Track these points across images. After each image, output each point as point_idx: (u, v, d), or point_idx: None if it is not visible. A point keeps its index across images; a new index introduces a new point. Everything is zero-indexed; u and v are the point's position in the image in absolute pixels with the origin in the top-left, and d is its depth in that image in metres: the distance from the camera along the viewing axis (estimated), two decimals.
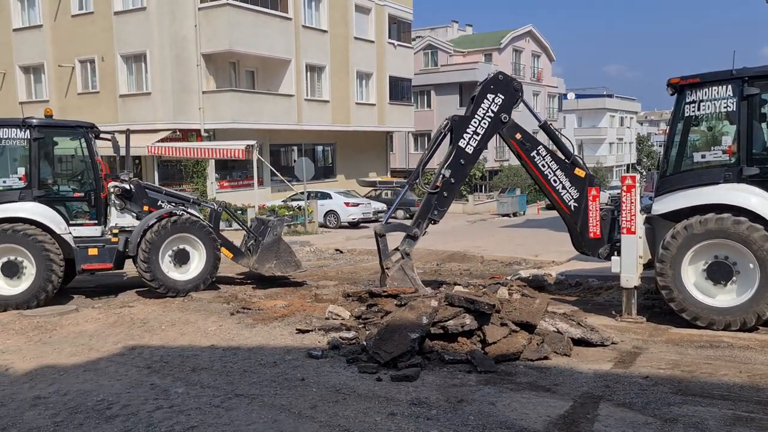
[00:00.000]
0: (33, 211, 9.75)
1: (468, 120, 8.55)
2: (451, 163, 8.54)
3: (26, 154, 9.96)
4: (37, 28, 26.74)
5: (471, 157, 8.62)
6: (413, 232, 8.54)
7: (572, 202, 8.65)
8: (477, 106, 8.55)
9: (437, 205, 8.55)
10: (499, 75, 8.76)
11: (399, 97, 35.14)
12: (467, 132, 8.53)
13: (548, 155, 8.67)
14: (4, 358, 6.71)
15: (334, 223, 25.26)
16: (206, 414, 4.92)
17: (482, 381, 5.61)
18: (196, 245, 10.32)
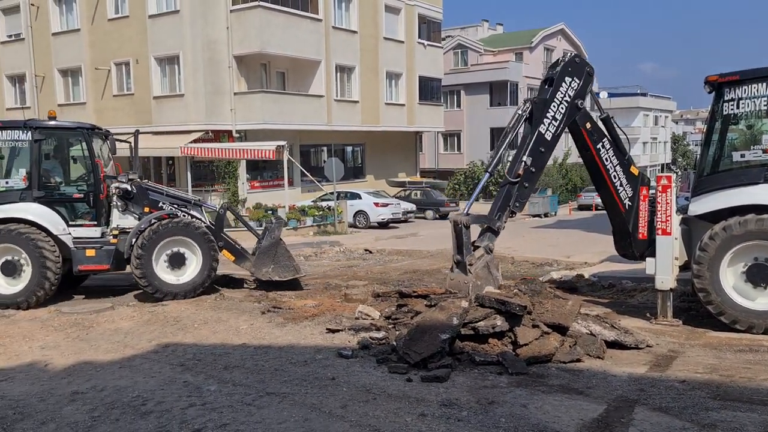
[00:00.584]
0: (31, 212, 9.92)
1: (548, 103, 7.90)
2: (532, 149, 7.75)
3: (28, 156, 10.12)
4: (75, 32, 27.39)
5: (549, 143, 7.91)
6: (496, 226, 7.70)
7: (627, 200, 8.47)
8: (556, 89, 7.97)
9: (518, 197, 7.75)
10: (575, 58, 8.26)
11: (428, 97, 35.04)
12: (547, 116, 7.86)
13: (611, 149, 8.31)
14: (44, 353, 6.89)
15: (364, 223, 25.31)
16: (238, 412, 4.97)
17: (513, 383, 5.55)
18: (192, 248, 10.08)
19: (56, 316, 8.83)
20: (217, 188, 25.77)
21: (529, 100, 8.19)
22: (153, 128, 25.53)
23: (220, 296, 9.97)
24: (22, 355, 6.87)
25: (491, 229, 7.78)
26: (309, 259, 16.87)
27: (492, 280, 7.49)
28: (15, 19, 29.57)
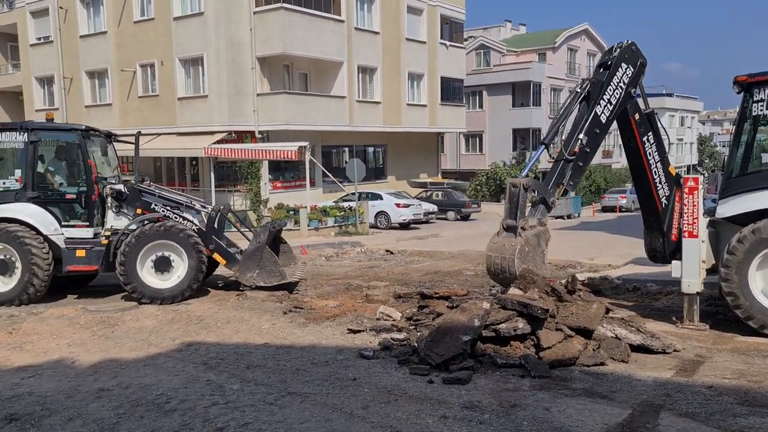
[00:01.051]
0: (24, 212, 10.11)
1: (605, 86, 7.75)
2: (588, 128, 7.61)
3: (23, 157, 10.31)
4: (102, 34, 27.82)
5: (604, 126, 7.76)
6: (550, 201, 7.49)
7: (664, 199, 8.35)
8: (612, 73, 7.79)
9: (572, 175, 7.59)
10: (632, 45, 8.08)
11: (450, 98, 34.93)
12: (603, 98, 7.71)
13: (655, 144, 8.15)
14: (71, 350, 7.00)
15: (385, 224, 25.31)
16: (260, 411, 5.00)
17: (536, 386, 5.51)
18: (178, 252, 9.94)
19: (83, 314, 8.96)
20: (239, 188, 25.97)
21: (587, 79, 8.03)
22: (177, 129, 25.84)
23: (242, 296, 10.04)
24: (50, 351, 6.99)
25: (545, 202, 7.56)
26: (330, 259, 16.92)
27: (539, 253, 7.24)
28: (44, 22, 30.14)
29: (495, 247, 7.32)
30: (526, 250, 7.05)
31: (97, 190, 10.38)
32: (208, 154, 23.59)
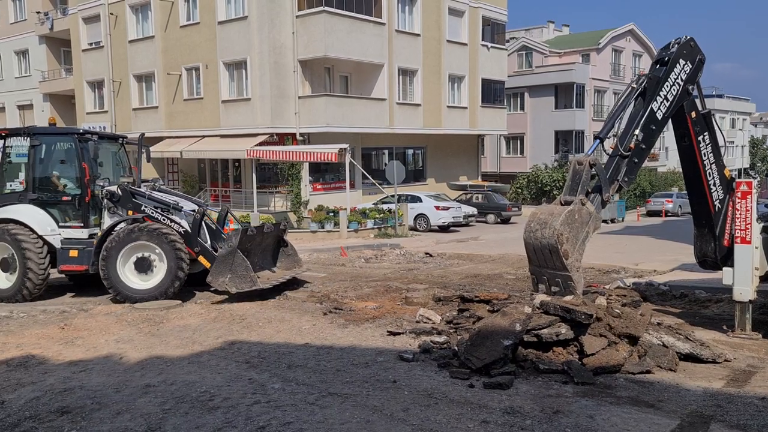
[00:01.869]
0: (23, 213, 10.61)
1: (662, 82, 7.52)
2: (644, 124, 7.38)
3: (26, 160, 10.83)
4: (150, 39, 28.57)
5: (659, 123, 7.55)
6: (606, 196, 7.19)
7: (717, 202, 8.10)
8: (670, 69, 7.56)
9: (628, 171, 7.34)
10: (691, 41, 7.84)
11: (491, 100, 34.64)
12: (659, 95, 7.48)
13: (710, 144, 7.88)
14: (119, 347, 7.20)
15: (424, 226, 25.25)
16: (301, 411, 5.04)
17: (579, 393, 5.40)
18: (159, 254, 10.01)
19: (130, 311, 9.21)
20: (280, 190, 26.31)
21: (644, 75, 7.81)
22: (220, 131, 26.34)
23: (283, 297, 10.15)
24: (99, 347, 7.20)
25: (601, 194, 7.22)
26: (369, 261, 16.96)
27: (584, 232, 6.83)
28: (95, 28, 31.14)
29: (545, 209, 7.14)
30: (576, 218, 6.73)
31: (90, 192, 10.68)
32: (251, 156, 23.97)
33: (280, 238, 11.58)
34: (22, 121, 37.76)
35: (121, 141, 12.01)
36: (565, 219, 6.66)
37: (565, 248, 6.60)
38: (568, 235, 6.65)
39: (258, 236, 10.74)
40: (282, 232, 11.58)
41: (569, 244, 6.64)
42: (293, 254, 11.72)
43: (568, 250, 6.62)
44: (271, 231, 11.08)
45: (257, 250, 10.94)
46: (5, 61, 38.13)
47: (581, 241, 6.80)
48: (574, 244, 6.71)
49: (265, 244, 11.23)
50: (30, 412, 5.13)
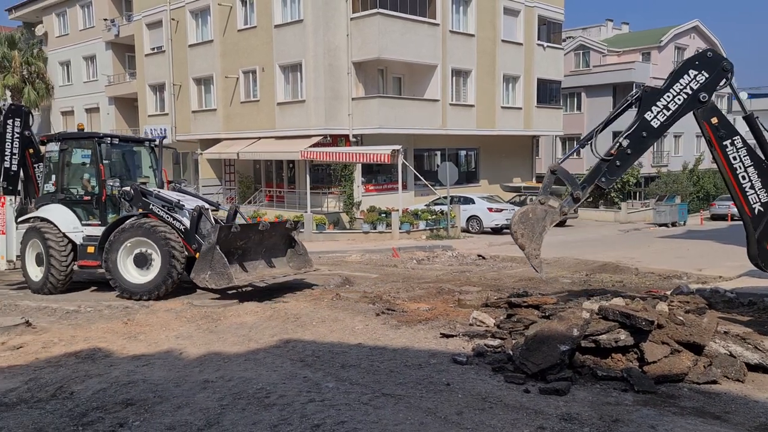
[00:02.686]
0: (52, 212, 11.55)
1: (661, 93, 7.87)
2: (632, 133, 7.90)
3: (57, 163, 11.86)
4: (209, 43, 29.36)
5: (655, 131, 7.91)
6: (576, 194, 7.97)
7: (757, 205, 7.78)
8: (674, 81, 7.85)
9: (607, 173, 7.95)
10: (708, 52, 7.97)
11: (547, 100, 34.04)
12: (657, 105, 7.86)
13: (744, 148, 7.79)
14: (178, 342, 7.42)
15: (477, 228, 25.03)
16: (355, 410, 5.06)
17: (640, 401, 5.24)
18: (156, 250, 10.43)
19: (189, 308, 9.47)
20: (333, 191, 26.57)
21: (640, 88, 8.16)
22: (275, 133, 26.81)
23: (336, 296, 10.24)
24: (160, 342, 7.44)
25: (572, 195, 8.08)
26: (421, 262, 16.93)
27: (540, 226, 7.91)
28: (157, 33, 32.23)
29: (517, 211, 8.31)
30: (530, 216, 7.87)
31: (105, 192, 11.45)
32: (304, 157, 24.31)
33: (289, 237, 11.59)
34: (89, 123, 39.44)
35: (148, 144, 12.74)
36: (518, 219, 7.92)
37: (520, 242, 7.85)
38: (522, 231, 7.84)
39: (251, 234, 10.77)
40: (288, 230, 11.55)
41: (525, 239, 7.82)
42: (304, 254, 11.70)
43: (523, 243, 7.82)
44: (268, 228, 11.00)
45: (257, 248, 11.01)
46: (74, 66, 39.90)
47: (538, 234, 7.89)
48: (530, 238, 7.86)
49: (270, 242, 11.24)
50: (97, 403, 5.34)
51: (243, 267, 10.73)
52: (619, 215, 32.86)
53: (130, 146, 12.59)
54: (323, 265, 16.80)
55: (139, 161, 12.71)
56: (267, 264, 11.21)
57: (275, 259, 11.38)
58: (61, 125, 41.09)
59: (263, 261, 11.16)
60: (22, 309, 10.11)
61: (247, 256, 10.82)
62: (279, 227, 11.49)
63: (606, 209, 35.40)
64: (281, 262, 11.47)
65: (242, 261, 10.75)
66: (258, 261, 11.03)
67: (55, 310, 9.91)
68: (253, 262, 10.94)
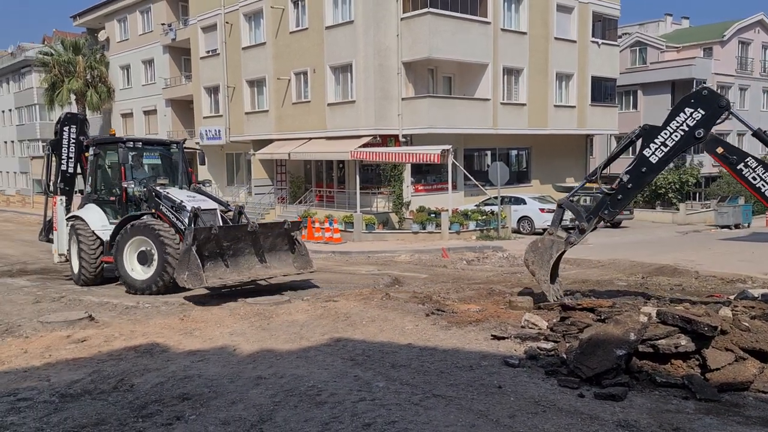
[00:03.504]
0: (86, 211, 12.82)
1: (659, 130, 8.45)
2: (632, 169, 8.56)
3: (92, 166, 13.24)
4: (261, 45, 29.90)
5: (654, 166, 8.51)
6: (581, 225, 8.79)
7: None
8: (671, 118, 8.37)
9: (609, 205, 8.68)
10: (703, 90, 8.38)
11: (602, 98, 33.21)
12: (655, 142, 8.42)
13: (760, 166, 8.05)
14: (232, 339, 7.58)
15: (528, 229, 24.65)
16: (405, 410, 5.05)
17: (702, 410, 5.04)
18: (154, 248, 11.16)
19: (242, 305, 9.67)
20: (383, 191, 26.63)
21: (641, 126, 8.77)
22: (326, 133, 27.07)
23: (386, 296, 10.25)
24: (215, 339, 7.61)
25: (578, 227, 8.82)
26: (471, 263, 16.81)
27: (547, 254, 8.79)
28: (212, 37, 33.03)
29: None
30: (539, 246, 8.86)
31: (125, 192, 12.48)
32: (354, 157, 24.45)
33: (290, 237, 11.69)
34: (147, 125, 40.78)
35: (175, 147, 13.66)
36: (530, 247, 8.98)
37: (531, 269, 8.93)
38: (533, 258, 8.87)
39: (240, 234, 10.93)
40: (288, 231, 11.62)
41: (535, 266, 8.88)
42: (305, 255, 11.80)
43: (534, 270, 8.92)
44: (257, 230, 11.09)
45: (254, 248, 11.16)
46: (134, 70, 41.32)
47: (546, 261, 8.82)
48: (540, 265, 8.84)
49: (269, 242, 11.35)
50: (155, 396, 5.51)
51: (236, 267, 10.89)
52: (677, 216, 31.77)
53: (155, 149, 13.57)
54: (372, 265, 16.87)
55: (164, 163, 13.58)
56: (265, 264, 11.35)
57: (275, 260, 11.51)
58: (121, 127, 42.62)
59: (262, 261, 11.33)
60: (85, 304, 10.53)
61: (240, 256, 11.00)
62: (273, 228, 11.67)
63: (663, 210, 34.29)
64: (281, 262, 11.62)
65: (236, 261, 10.92)
66: (255, 261, 11.25)
67: (116, 306, 10.29)
68: (250, 262, 11.16)
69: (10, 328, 8.89)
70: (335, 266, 16.65)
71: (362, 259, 18.28)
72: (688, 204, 35.07)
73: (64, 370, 6.41)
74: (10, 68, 59.43)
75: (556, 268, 9.18)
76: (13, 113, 61.02)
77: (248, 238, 11.07)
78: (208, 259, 10.50)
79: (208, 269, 10.41)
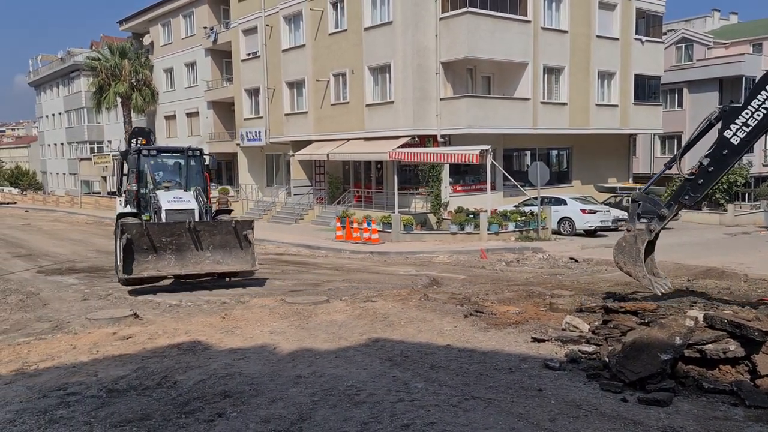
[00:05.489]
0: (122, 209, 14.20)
1: (739, 110, 7.93)
2: (713, 152, 8.11)
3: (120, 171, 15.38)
4: (301, 47, 30.19)
5: (736, 148, 8.00)
6: (661, 212, 8.53)
7: None
8: (752, 97, 7.86)
9: (689, 190, 8.34)
10: None
11: (645, 97, 32.42)
12: (736, 123, 7.92)
13: None
14: (272, 338, 7.67)
15: (569, 230, 24.23)
16: (444, 412, 5.03)
17: (752, 417, 4.88)
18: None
19: (281, 305, 9.78)
20: (421, 191, 26.56)
21: (719, 107, 8.37)
22: (364, 134, 27.16)
23: (424, 297, 10.23)
24: (255, 337, 7.72)
25: (658, 214, 8.54)
26: (510, 264, 16.63)
27: (635, 250, 8.44)
28: (253, 39, 33.52)
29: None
30: (623, 245, 8.60)
31: (136, 193, 13.77)
32: (392, 158, 24.45)
33: (243, 236, 12.26)
34: (190, 127, 41.63)
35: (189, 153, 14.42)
36: (616, 251, 8.71)
37: (625, 270, 8.56)
38: (623, 259, 8.57)
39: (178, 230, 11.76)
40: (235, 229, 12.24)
41: (628, 266, 8.51)
42: (253, 254, 12.30)
43: (629, 270, 8.53)
44: (192, 227, 11.84)
45: (203, 244, 12.02)
46: (177, 73, 42.26)
47: (636, 256, 8.46)
48: (633, 263, 8.48)
49: (219, 239, 12.13)
50: (197, 393, 5.62)
51: (182, 261, 11.86)
52: (725, 218, 30.78)
53: (171, 156, 14.69)
54: (410, 265, 16.85)
55: (181, 168, 14.45)
56: (215, 260, 12.18)
57: (227, 255, 12.28)
58: (164, 129, 43.62)
59: (212, 256, 12.14)
60: (130, 302, 10.82)
61: (187, 251, 11.94)
62: (217, 226, 12.32)
63: (710, 211, 33.29)
64: (235, 258, 12.32)
65: (181, 255, 11.88)
66: (205, 256, 12.09)
67: (159, 304, 10.54)
68: (198, 257, 12.02)
69: (60, 324, 9.21)
70: (373, 267, 16.70)
71: (400, 260, 18.28)
72: (736, 205, 33.94)
73: (111, 366, 6.59)
74: (59, 72, 61.52)
75: (653, 260, 8.92)
76: (63, 116, 63.14)
77: (190, 234, 11.91)
78: (147, 252, 11.61)
79: (149, 262, 11.61)
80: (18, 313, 10.34)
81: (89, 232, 29.04)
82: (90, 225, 33.73)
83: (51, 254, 19.73)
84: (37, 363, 6.84)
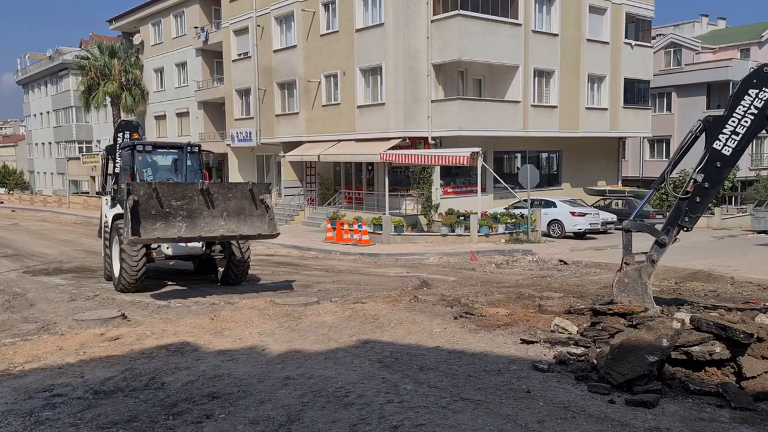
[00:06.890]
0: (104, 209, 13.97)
1: (725, 120, 7.75)
2: (705, 166, 7.80)
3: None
4: (292, 48, 30.15)
5: (729, 159, 7.78)
6: (661, 239, 8.05)
7: None
8: (736, 104, 7.69)
9: (688, 212, 7.90)
10: (764, 68, 7.69)
11: (634, 101, 32.69)
12: (724, 132, 7.71)
13: None
14: (261, 339, 7.65)
15: (558, 232, 24.37)
16: (433, 414, 5.04)
17: (737, 419, 4.92)
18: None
19: (271, 306, 9.75)
20: (412, 193, 26.61)
21: (701, 120, 8.07)
22: (355, 136, 27.17)
23: (414, 299, 10.24)
24: (244, 339, 7.70)
25: (658, 242, 8.10)
26: (500, 266, 16.68)
27: (639, 285, 7.89)
28: (244, 40, 33.44)
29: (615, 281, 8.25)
30: (626, 282, 7.93)
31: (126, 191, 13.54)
32: (384, 160, 24.49)
33: (260, 200, 11.71)
34: (180, 127, 41.45)
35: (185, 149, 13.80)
36: (617, 290, 7.98)
37: (630, 308, 7.58)
38: (629, 299, 7.86)
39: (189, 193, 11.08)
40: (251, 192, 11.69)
41: (636, 304, 7.72)
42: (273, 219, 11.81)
43: (633, 308, 7.59)
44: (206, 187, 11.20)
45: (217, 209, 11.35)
46: (167, 73, 42.08)
47: (644, 291, 7.89)
48: (642, 299, 7.83)
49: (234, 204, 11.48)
50: (186, 395, 5.59)
51: (193, 226, 11.03)
52: (712, 221, 31.04)
53: (167, 152, 13.78)
54: (401, 267, 16.87)
55: (171, 164, 13.77)
56: (229, 225, 11.40)
57: (242, 222, 11.54)
58: (155, 129, 43.40)
59: (225, 222, 11.41)
60: (118, 303, 10.75)
61: (198, 217, 11.13)
62: (233, 188, 11.71)
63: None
64: (250, 224, 11.61)
65: (192, 221, 11.05)
66: (218, 221, 11.33)
67: (148, 305, 10.48)
68: (210, 222, 11.22)
69: (46, 325, 9.14)
70: (363, 268, 16.70)
71: (390, 262, 18.29)
72: (723, 208, 34.26)
73: (98, 367, 6.55)
74: (48, 71, 61.12)
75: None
76: (51, 115, 62.73)
77: (203, 197, 11.14)
78: (155, 217, 10.68)
79: (157, 229, 10.65)
80: (4, 314, 10.26)
81: (77, 232, 28.84)
82: (78, 225, 33.51)
83: (38, 254, 19.58)
84: (23, 364, 6.79)
